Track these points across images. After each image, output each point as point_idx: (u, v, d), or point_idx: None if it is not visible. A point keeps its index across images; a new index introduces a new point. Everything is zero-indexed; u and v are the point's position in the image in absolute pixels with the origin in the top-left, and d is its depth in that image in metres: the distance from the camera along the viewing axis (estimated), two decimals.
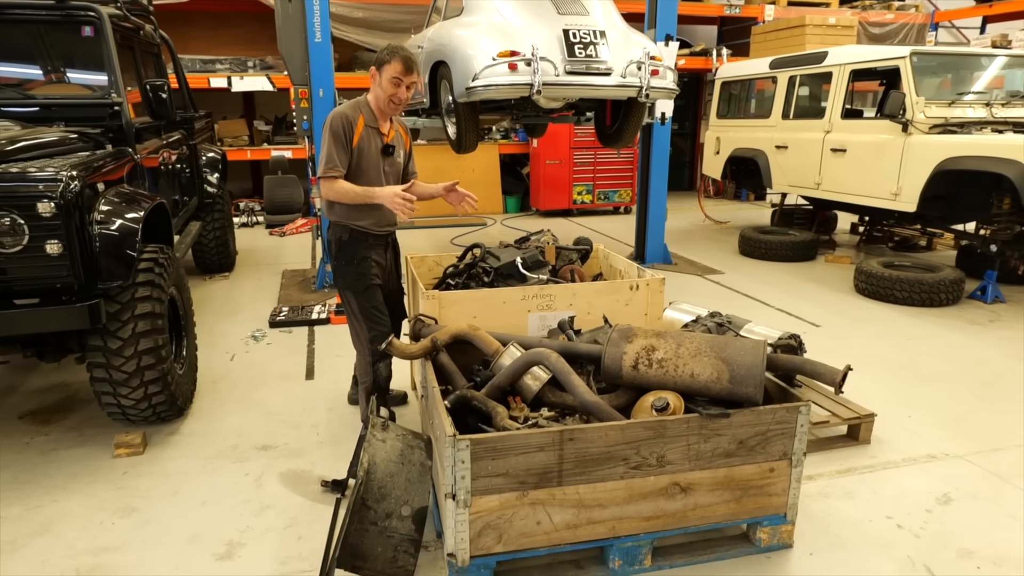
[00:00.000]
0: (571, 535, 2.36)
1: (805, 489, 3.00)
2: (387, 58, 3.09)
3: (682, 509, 2.44)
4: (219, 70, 9.44)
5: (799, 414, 2.46)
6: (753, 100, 8.41)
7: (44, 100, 3.91)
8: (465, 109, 4.87)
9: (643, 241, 7.11)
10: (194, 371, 3.94)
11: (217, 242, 6.53)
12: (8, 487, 3.03)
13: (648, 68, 4.57)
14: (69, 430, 3.54)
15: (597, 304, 3.33)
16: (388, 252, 3.47)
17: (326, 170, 3.06)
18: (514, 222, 9.79)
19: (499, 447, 2.22)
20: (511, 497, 2.27)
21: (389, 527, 2.38)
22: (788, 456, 2.49)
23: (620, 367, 2.57)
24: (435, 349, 2.85)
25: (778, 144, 7.59)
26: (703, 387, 2.46)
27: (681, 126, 12.76)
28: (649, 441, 2.34)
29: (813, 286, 6.34)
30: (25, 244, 2.87)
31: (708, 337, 2.57)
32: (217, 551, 2.60)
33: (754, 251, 7.45)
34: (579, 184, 10.10)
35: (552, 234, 3.94)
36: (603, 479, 2.33)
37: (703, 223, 9.63)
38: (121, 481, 3.08)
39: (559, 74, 4.41)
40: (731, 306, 5.72)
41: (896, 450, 3.36)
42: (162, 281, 3.39)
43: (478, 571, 2.31)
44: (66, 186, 2.90)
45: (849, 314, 5.49)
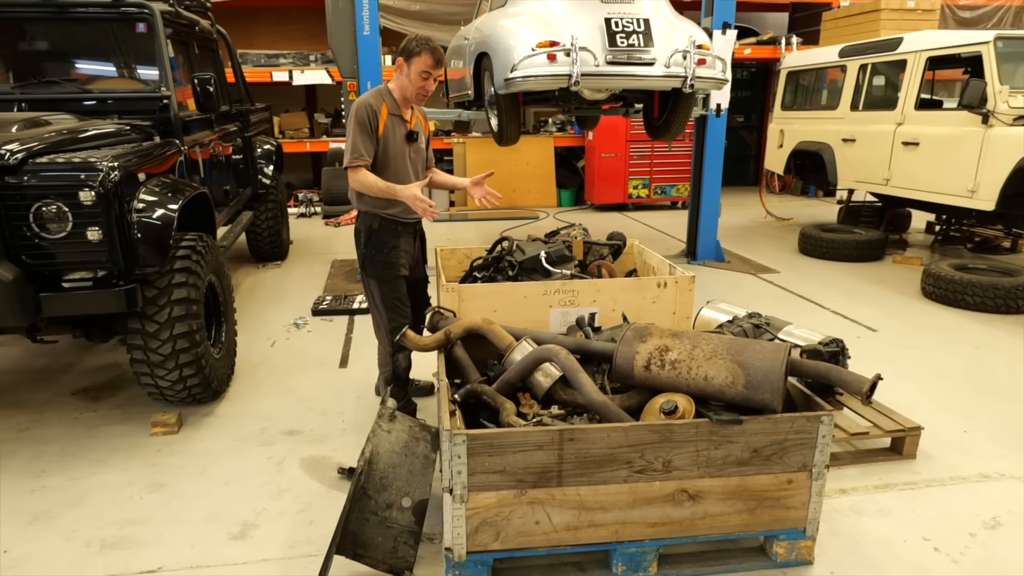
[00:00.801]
0: (571, 537, 2.31)
1: (836, 503, 2.85)
2: (417, 50, 3.08)
3: (690, 517, 2.34)
4: (282, 64, 9.71)
5: (821, 424, 2.31)
6: (820, 91, 8.01)
7: (100, 94, 4.10)
8: (506, 101, 4.83)
9: (695, 237, 6.91)
10: (232, 355, 4.07)
11: (270, 231, 6.73)
12: (55, 459, 3.20)
13: (694, 57, 4.40)
14: (114, 408, 3.71)
15: (622, 301, 3.24)
16: (416, 240, 3.48)
17: (352, 160, 3.08)
18: (566, 216, 9.69)
19: (496, 444, 2.18)
20: (509, 495, 2.23)
21: (389, 518, 2.39)
22: (808, 468, 2.35)
23: (632, 367, 2.49)
24: (449, 342, 2.83)
25: (845, 137, 7.21)
26: (717, 391, 2.36)
27: (747, 118, 12.34)
28: (655, 445, 2.25)
29: (875, 288, 6.00)
30: (69, 230, 3.01)
31: (727, 339, 2.46)
32: (232, 531, 2.68)
33: (814, 250, 7.11)
34: (635, 178, 9.90)
35: (583, 228, 3.86)
36: (605, 482, 2.26)
37: (764, 220, 9.27)
38: (154, 458, 3.21)
39: (599, 64, 4.30)
40: (782, 307, 5.48)
41: (944, 467, 3.13)
42: (199, 268, 3.50)
43: (475, 567, 2.29)
44: (106, 176, 3.02)
45: (912, 319, 5.16)
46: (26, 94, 4.00)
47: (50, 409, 3.69)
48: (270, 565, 2.48)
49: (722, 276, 6.44)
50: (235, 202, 5.68)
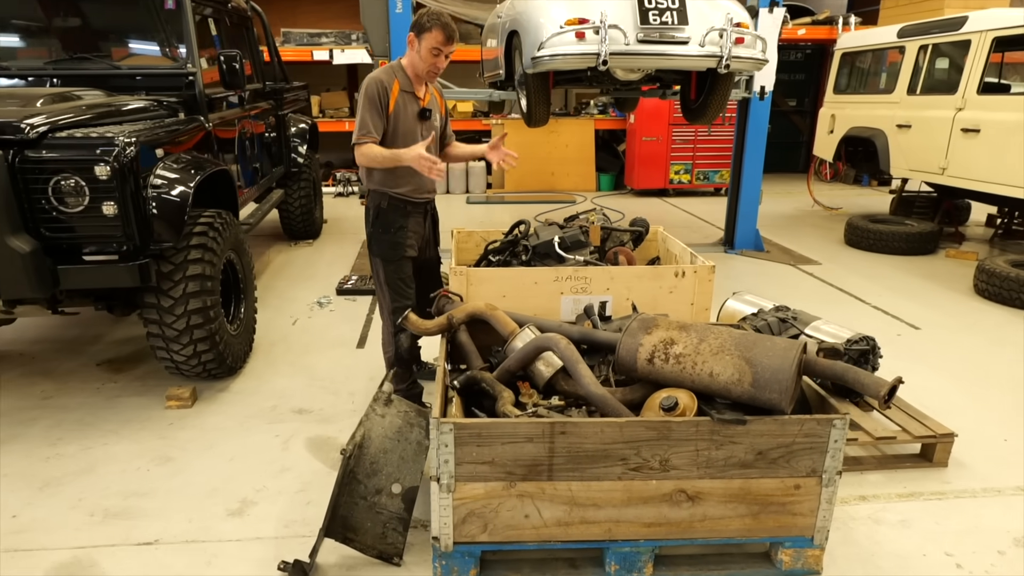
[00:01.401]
0: (562, 533, 2.22)
1: (854, 511, 2.69)
2: (427, 25, 2.99)
3: (688, 519, 2.23)
4: (323, 43, 9.73)
5: (833, 428, 2.16)
6: (876, 73, 7.60)
7: (127, 70, 4.14)
8: (534, 80, 4.70)
9: (733, 225, 6.67)
10: (250, 333, 4.10)
11: (303, 210, 6.78)
12: (73, 427, 3.28)
13: (731, 36, 4.18)
14: (135, 380, 3.79)
15: (637, 290, 3.12)
16: (427, 220, 3.41)
17: (359, 136, 3.01)
18: (604, 201, 9.50)
19: (485, 434, 2.11)
20: (497, 487, 2.16)
21: (378, 503, 2.35)
22: (818, 474, 2.21)
23: (635, 359, 2.37)
24: (451, 327, 2.77)
25: (900, 123, 6.82)
26: (722, 388, 2.23)
27: (800, 102, 11.86)
28: (651, 443, 2.14)
29: (924, 283, 5.68)
30: (86, 205, 3.05)
31: (738, 334, 2.32)
32: (231, 507, 2.69)
33: (861, 241, 6.79)
34: (677, 163, 9.63)
35: (603, 213, 3.73)
36: (598, 478, 2.17)
37: (812, 209, 8.91)
38: (166, 431, 3.25)
39: (629, 43, 4.13)
40: (820, 300, 5.25)
41: (978, 477, 2.93)
42: (215, 245, 3.52)
43: (462, 558, 2.23)
44: (121, 151, 3.04)
45: (960, 317, 4.87)
46: (58, 70, 4.06)
47: (74, 379, 3.79)
48: (263, 543, 2.48)
49: (759, 266, 6.21)
50: (265, 180, 5.72)
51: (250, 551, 2.44)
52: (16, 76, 4.04)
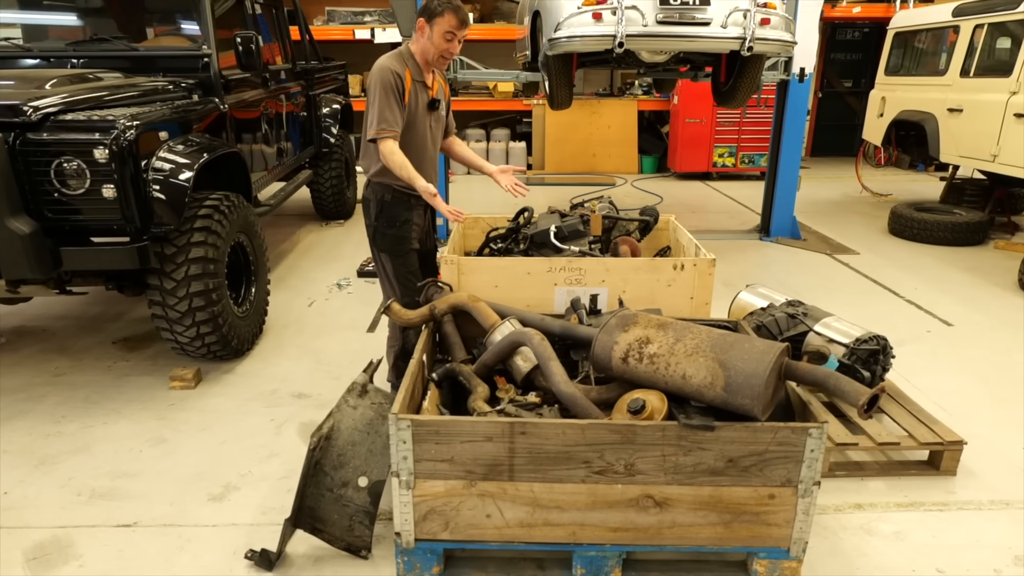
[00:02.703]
0: (525, 534, 2.17)
1: (847, 519, 2.56)
2: (439, 10, 2.89)
3: (656, 525, 2.15)
4: (366, 22, 9.74)
5: (808, 436, 2.04)
6: (929, 54, 7.15)
7: (146, 52, 4.21)
8: (555, 63, 4.58)
9: (769, 212, 6.42)
10: (261, 315, 4.15)
11: (334, 190, 6.83)
12: (78, 405, 3.39)
13: (755, 17, 3.97)
14: (145, 359, 3.89)
15: (634, 282, 3.02)
16: (427, 212, 3.37)
17: (379, 130, 2.87)
18: (645, 184, 9.29)
19: (443, 431, 2.07)
20: (457, 485, 2.13)
21: (344, 496, 2.35)
22: (793, 483, 2.09)
23: (610, 358, 2.29)
24: (433, 318, 2.73)
25: (951, 107, 6.41)
26: (695, 391, 2.13)
27: (856, 83, 11.29)
28: (616, 446, 2.07)
29: (965, 276, 5.36)
30: (87, 187, 3.11)
31: (718, 334, 2.21)
32: (213, 492, 2.73)
33: (905, 231, 6.44)
34: (721, 145, 9.31)
35: (611, 202, 3.61)
36: (561, 480, 2.11)
37: (860, 195, 8.50)
38: (165, 412, 3.33)
39: (647, 24, 3.97)
40: (852, 291, 5.02)
41: (987, 488, 2.75)
42: (220, 228, 3.55)
43: (424, 555, 2.21)
44: (120, 134, 3.09)
45: (998, 314, 4.57)
46: (79, 52, 4.15)
47: (88, 356, 3.92)
48: (238, 530, 2.51)
49: (793, 255, 5.96)
50: (292, 160, 5.77)
51: (224, 537, 2.47)
52: (38, 57, 4.15)
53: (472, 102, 9.89)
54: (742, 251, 6.02)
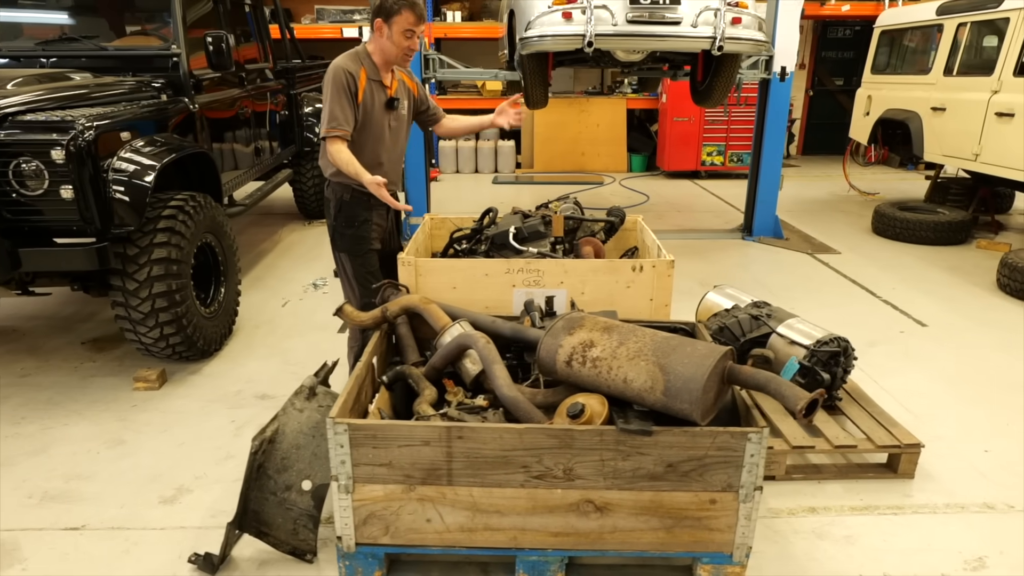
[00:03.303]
0: (466, 539, 2.16)
1: (799, 523, 2.54)
2: (395, 8, 2.86)
3: (598, 530, 2.14)
4: (356, 20, 9.71)
5: (748, 441, 2.03)
6: (914, 53, 7.12)
7: (116, 52, 4.19)
8: (529, 62, 4.56)
9: (752, 211, 6.39)
10: (230, 315, 4.14)
11: (316, 189, 6.81)
12: (40, 406, 3.38)
13: (725, 16, 3.95)
14: (112, 360, 3.88)
15: (593, 284, 2.99)
16: (389, 212, 3.35)
17: (329, 128, 2.89)
18: (633, 182, 9.26)
19: (380, 436, 2.06)
20: (396, 489, 2.11)
21: (288, 499, 2.33)
22: (734, 488, 2.08)
23: (554, 361, 2.27)
24: (385, 320, 2.71)
25: (935, 105, 6.38)
26: (636, 395, 2.11)
27: (847, 82, 11.24)
28: (554, 451, 2.05)
29: (945, 276, 5.33)
30: (46, 188, 3.10)
31: (662, 337, 2.19)
32: (165, 495, 2.72)
33: (888, 230, 6.42)
34: (709, 144, 9.28)
35: (576, 203, 3.59)
36: (500, 485, 2.09)
37: (847, 194, 8.47)
38: (127, 413, 3.32)
39: (617, 23, 3.95)
40: (830, 291, 5.00)
41: (944, 492, 2.73)
42: (185, 229, 3.54)
43: (365, 559, 2.20)
44: (78, 135, 3.08)
45: (974, 315, 4.55)
46: (48, 51, 4.14)
47: (56, 357, 3.91)
48: (185, 533, 2.50)
49: (774, 254, 5.94)
50: (270, 160, 5.76)
51: (170, 541, 2.46)
52: (7, 57, 4.14)
53: (461, 100, 9.87)
54: (723, 251, 6.00)
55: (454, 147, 9.88)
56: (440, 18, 9.52)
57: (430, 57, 5.47)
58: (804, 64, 10.84)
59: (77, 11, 4.47)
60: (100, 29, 4.42)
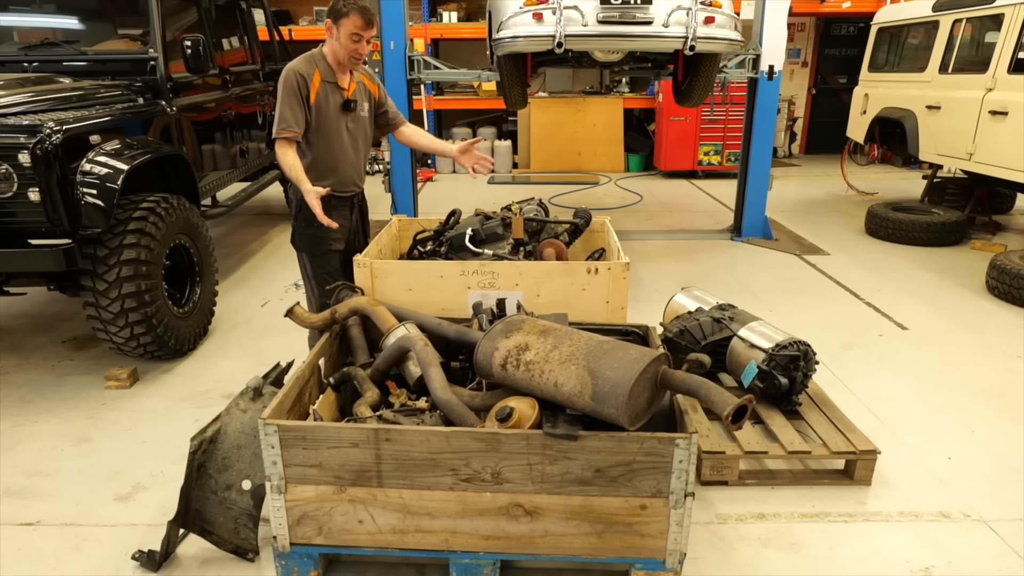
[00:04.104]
0: (398, 540, 2.17)
1: (745, 530, 2.53)
2: (344, 10, 2.90)
3: (528, 534, 2.14)
4: None
5: (676, 447, 2.02)
6: (911, 50, 7.02)
7: (95, 56, 4.25)
8: (506, 63, 4.57)
9: (741, 212, 6.34)
10: (206, 315, 4.18)
11: None
12: (13, 403, 3.44)
13: (698, 15, 3.92)
14: (90, 359, 3.94)
15: (548, 286, 2.99)
16: (353, 213, 3.38)
17: (278, 130, 2.94)
18: (629, 182, 9.22)
19: (310, 437, 2.08)
20: (328, 490, 2.13)
21: (228, 499, 2.36)
22: (664, 495, 2.07)
23: (491, 364, 2.28)
24: (334, 321, 2.74)
25: (930, 104, 6.30)
26: (567, 399, 2.11)
27: (850, 80, 11.07)
28: (481, 454, 2.06)
29: (934, 278, 5.26)
30: (15, 190, 3.16)
31: (596, 341, 2.19)
32: (121, 492, 2.76)
33: (880, 231, 6.34)
34: (707, 143, 9.22)
35: (539, 205, 3.59)
36: (429, 487, 2.10)
37: (845, 194, 8.38)
38: (96, 412, 3.37)
39: (587, 24, 3.93)
40: (812, 293, 4.95)
41: (900, 499, 2.69)
42: (155, 230, 3.59)
43: (300, 559, 2.22)
44: (45, 138, 3.13)
45: (958, 318, 4.48)
46: (30, 56, 4.21)
47: (37, 355, 3.98)
48: (135, 530, 2.54)
49: (761, 255, 5.89)
50: (256, 161, 5.81)
51: (119, 537, 2.50)
52: None
53: (458, 101, 9.88)
54: (710, 251, 5.96)
55: None
56: (436, 19, 9.55)
57: (414, 58, 5.49)
58: (807, 62, 10.74)
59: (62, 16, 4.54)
60: (84, 34, 4.50)
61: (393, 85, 5.61)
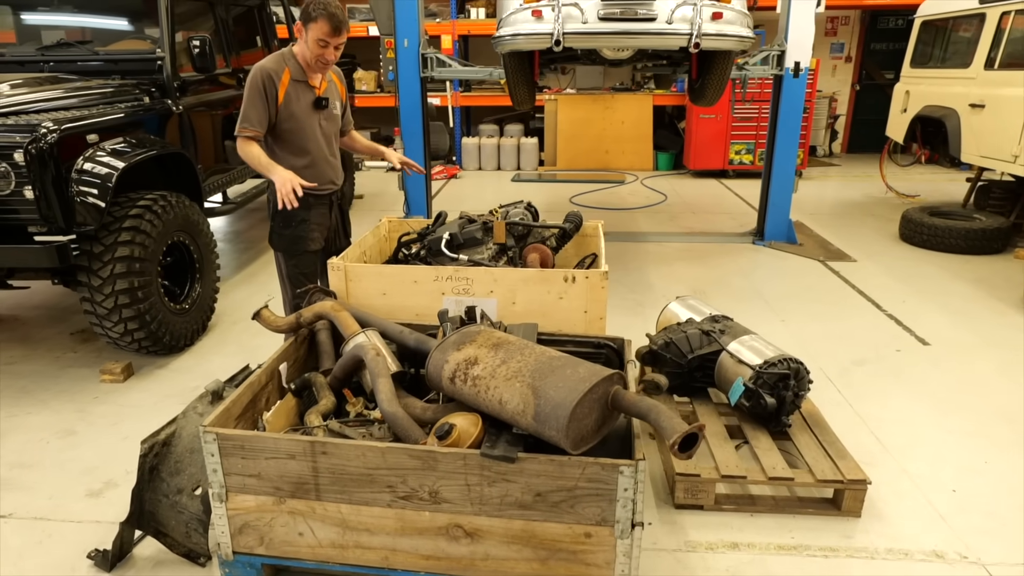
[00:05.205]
0: (338, 555, 2.13)
1: (715, 561, 2.40)
2: (313, 15, 2.89)
3: (469, 556, 2.07)
4: None
5: (620, 475, 1.91)
6: (953, 45, 6.62)
7: (106, 56, 4.33)
8: (510, 60, 4.47)
9: (764, 214, 6.10)
10: (205, 312, 4.23)
11: None
12: (13, 394, 3.54)
13: (703, 11, 3.74)
14: (93, 352, 4.03)
15: (524, 294, 2.90)
16: (332, 212, 3.37)
17: (240, 128, 2.98)
18: (656, 182, 9.00)
19: (248, 447, 2.05)
20: (267, 501, 2.10)
21: (179, 503, 2.36)
22: (609, 523, 1.96)
23: (440, 377, 2.21)
24: (299, 325, 2.71)
25: (974, 102, 5.93)
26: (511, 418, 2.03)
27: (898, 75, 10.55)
28: (418, 472, 1.99)
29: (968, 289, 4.95)
30: (12, 188, 3.24)
31: (547, 358, 2.10)
32: (94, 488, 2.80)
33: (915, 236, 6.01)
34: (738, 142, 8.92)
35: (527, 209, 3.49)
36: (367, 503, 2.05)
37: (885, 196, 7.99)
38: (87, 405, 3.44)
39: (587, 21, 3.81)
40: (830, 303, 4.71)
41: (890, 535, 2.51)
42: (151, 228, 3.63)
43: (244, 568, 2.20)
44: (39, 138, 3.19)
45: (987, 334, 4.19)
46: (47, 56, 4.32)
47: (44, 346, 4.09)
48: (99, 527, 2.56)
49: (782, 261, 5.65)
50: None
51: (83, 534, 2.52)
52: (10, 62, 4.33)
53: (485, 97, 9.81)
54: (728, 255, 5.75)
55: (477, 144, 9.84)
56: (464, 15, 9.48)
57: (427, 56, 5.44)
58: (850, 56, 10.28)
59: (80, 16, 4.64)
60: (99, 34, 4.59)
61: (406, 83, 5.57)
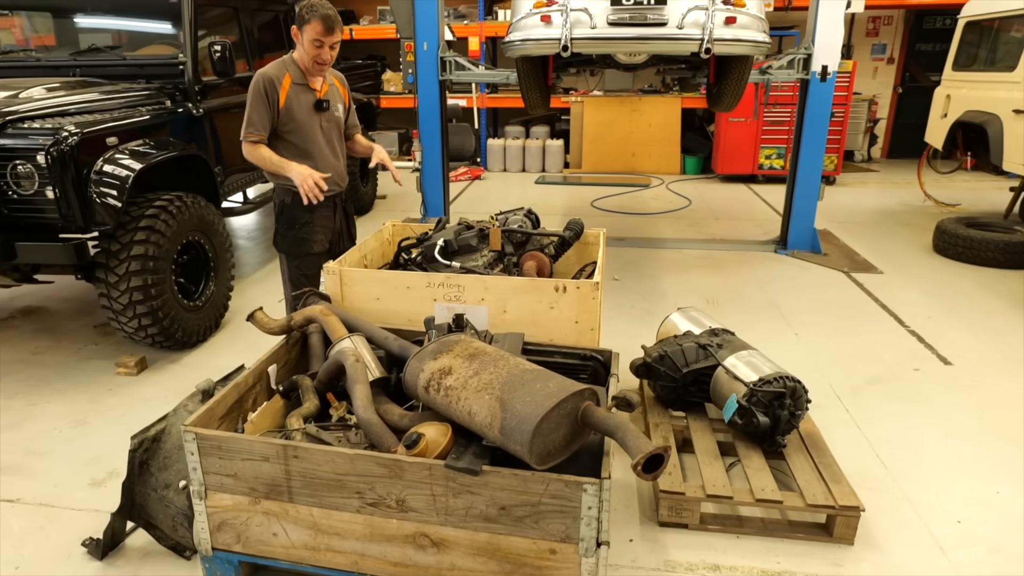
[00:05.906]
0: (311, 557, 2.18)
1: None
2: (307, 17, 2.99)
3: (436, 566, 2.09)
4: None
5: (584, 492, 1.90)
6: (998, 47, 6.36)
7: (132, 61, 4.48)
8: (521, 65, 4.47)
9: (787, 223, 5.96)
10: (219, 309, 4.34)
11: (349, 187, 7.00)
12: (36, 383, 3.70)
13: (716, 15, 3.68)
14: (112, 344, 4.18)
15: (515, 303, 2.90)
16: (336, 213, 3.44)
17: (245, 134, 3.08)
18: (682, 186, 8.87)
19: (225, 448, 2.11)
20: (243, 501, 2.16)
21: (166, 497, 2.43)
22: (573, 540, 1.96)
23: (416, 386, 2.24)
24: (291, 328, 2.77)
25: (1018, 107, 5.69)
26: (479, 430, 2.04)
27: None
28: (385, 479, 2.02)
29: (1000, 306, 4.75)
30: (36, 188, 3.39)
31: (520, 371, 2.10)
32: (97, 478, 2.91)
33: (949, 249, 5.79)
34: (768, 147, 8.72)
35: (527, 216, 3.49)
36: (337, 507, 2.09)
37: (923, 204, 7.72)
38: (101, 397, 3.57)
39: (596, 26, 3.78)
40: (849, 316, 4.58)
41: (883, 565, 2.43)
42: (166, 228, 3.75)
43: (223, 564, 2.27)
44: (61, 140, 3.33)
45: (1015, 354, 4.01)
46: (78, 61, 4.49)
47: (68, 338, 4.26)
48: (98, 516, 2.66)
49: (803, 271, 5.51)
50: None
51: (83, 522, 2.63)
52: (45, 67, 4.52)
53: (512, 99, 9.80)
54: (747, 264, 5.63)
55: (502, 145, 9.85)
56: (492, 16, 9.50)
57: (446, 59, 5.48)
58: (893, 58, 9.95)
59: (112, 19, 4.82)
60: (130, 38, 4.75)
61: (425, 86, 5.62)
